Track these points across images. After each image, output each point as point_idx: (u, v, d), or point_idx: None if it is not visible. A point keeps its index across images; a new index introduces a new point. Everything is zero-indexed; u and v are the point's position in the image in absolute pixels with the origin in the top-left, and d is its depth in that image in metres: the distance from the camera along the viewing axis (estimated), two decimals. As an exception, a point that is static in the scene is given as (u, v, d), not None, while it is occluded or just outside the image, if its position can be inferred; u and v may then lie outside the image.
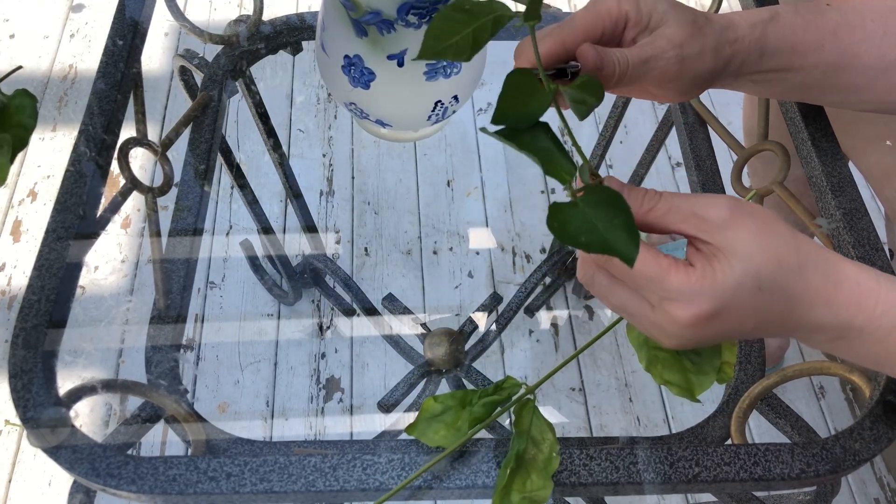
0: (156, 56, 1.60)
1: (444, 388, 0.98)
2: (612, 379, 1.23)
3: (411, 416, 1.01)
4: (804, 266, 0.37)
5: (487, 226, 1.39)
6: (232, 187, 1.40)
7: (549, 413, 1.21)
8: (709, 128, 0.69)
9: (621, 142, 1.50)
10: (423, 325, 0.86)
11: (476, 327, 0.90)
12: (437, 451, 0.46)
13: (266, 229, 1.04)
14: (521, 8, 0.37)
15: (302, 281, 1.23)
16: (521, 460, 0.43)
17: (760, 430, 1.19)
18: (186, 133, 0.67)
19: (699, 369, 0.42)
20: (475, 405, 0.44)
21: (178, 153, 0.65)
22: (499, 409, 0.44)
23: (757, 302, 0.36)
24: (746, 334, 0.38)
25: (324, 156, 1.46)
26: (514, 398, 0.44)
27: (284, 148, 1.43)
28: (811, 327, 0.38)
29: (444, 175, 1.45)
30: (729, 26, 0.45)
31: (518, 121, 0.38)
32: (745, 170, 0.66)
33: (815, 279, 0.37)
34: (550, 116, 0.40)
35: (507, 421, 1.17)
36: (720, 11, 0.67)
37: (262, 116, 0.85)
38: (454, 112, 0.66)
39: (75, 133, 0.58)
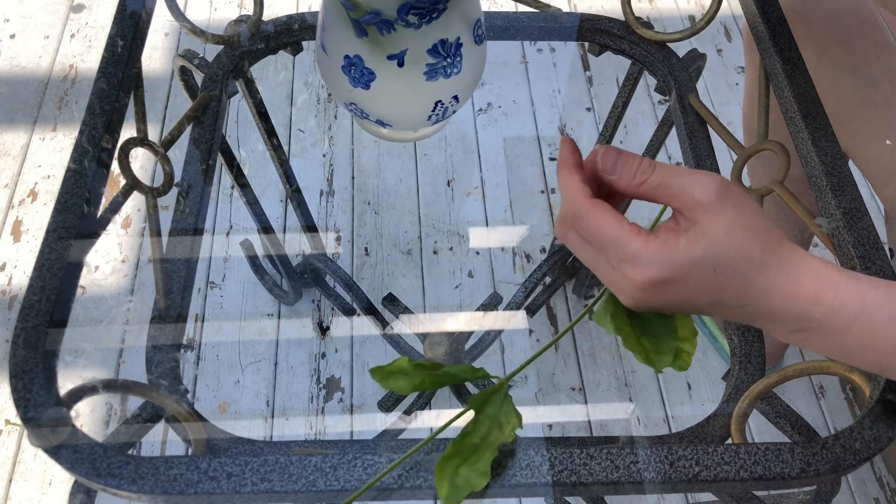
0: (156, 56, 1.60)
1: (444, 388, 0.98)
2: (612, 379, 1.23)
3: (411, 416, 1.01)
4: (766, 261, 0.38)
5: (487, 226, 1.40)
6: (232, 187, 1.40)
7: (549, 413, 1.21)
8: (709, 128, 0.69)
9: (621, 142, 1.50)
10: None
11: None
12: (437, 449, 0.46)
13: (266, 229, 1.04)
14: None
15: (302, 281, 1.23)
16: (477, 440, 0.45)
17: (760, 429, 1.19)
18: (187, 133, 0.67)
19: (657, 349, 0.45)
20: (443, 377, 0.46)
21: (179, 153, 0.65)
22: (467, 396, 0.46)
23: (710, 282, 0.38)
24: (702, 310, 0.40)
25: (324, 156, 1.46)
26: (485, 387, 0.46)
27: (285, 148, 1.43)
28: (770, 317, 0.40)
29: (444, 175, 1.45)
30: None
31: None
32: (745, 169, 0.66)
33: (775, 274, 0.39)
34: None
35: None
36: (719, 12, 0.67)
37: (263, 116, 0.86)
38: (454, 112, 0.66)
39: (75, 133, 0.58)
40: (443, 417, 1.18)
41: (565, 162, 0.43)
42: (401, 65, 0.58)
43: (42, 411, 0.45)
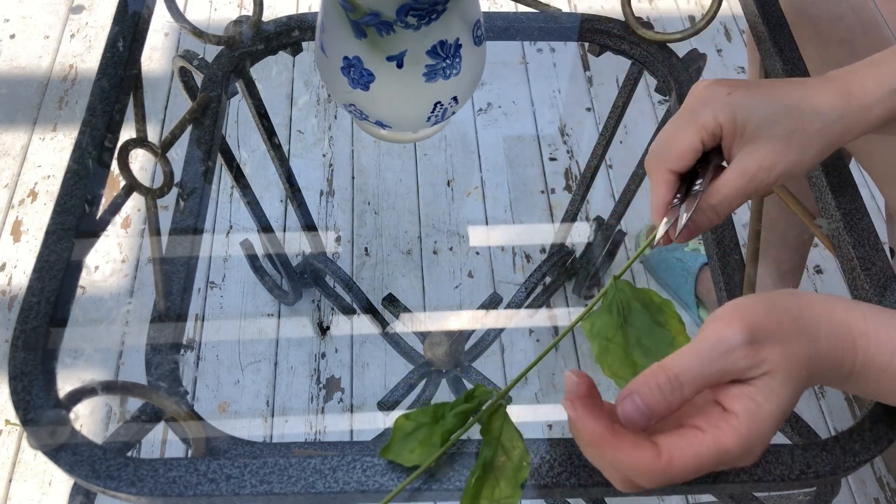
0: (156, 56, 1.60)
1: (444, 388, 0.98)
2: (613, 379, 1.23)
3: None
4: (813, 338, 0.37)
5: (487, 226, 1.39)
6: (232, 187, 1.40)
7: (549, 413, 1.21)
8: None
9: (621, 142, 1.50)
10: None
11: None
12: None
13: (266, 229, 1.04)
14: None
15: (302, 281, 1.23)
16: (490, 467, 0.42)
17: (761, 429, 1.19)
18: (187, 134, 0.67)
19: (650, 364, 0.42)
20: (447, 418, 0.43)
21: (179, 154, 0.65)
22: (471, 419, 0.43)
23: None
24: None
25: (324, 156, 1.46)
26: (484, 406, 0.43)
27: (285, 148, 1.43)
28: (821, 381, 0.39)
29: (444, 175, 1.45)
30: (839, 119, 0.44)
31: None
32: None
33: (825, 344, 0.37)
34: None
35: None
36: (720, 12, 0.67)
37: (263, 117, 0.85)
38: (454, 113, 0.66)
39: (75, 133, 0.58)
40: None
41: (576, 402, 0.37)
42: (400, 66, 0.58)
43: (41, 413, 0.45)
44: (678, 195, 0.47)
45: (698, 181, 0.47)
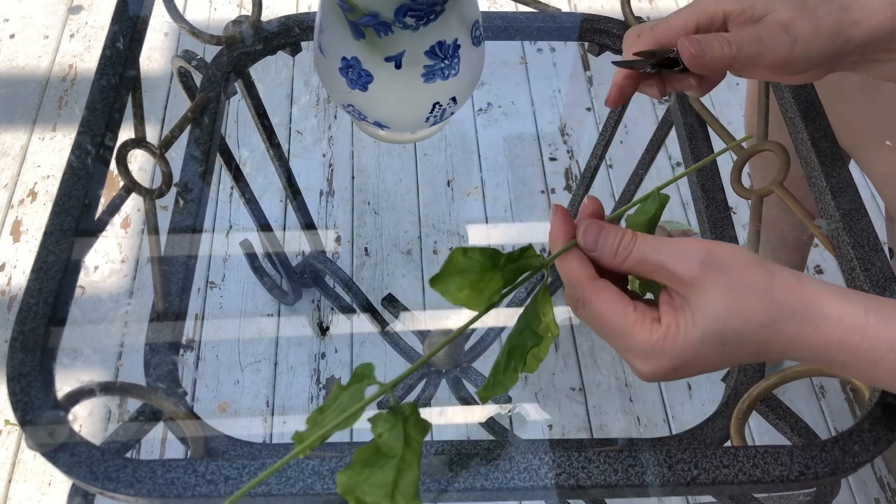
0: (155, 57, 1.60)
1: (444, 388, 0.98)
2: (612, 379, 1.23)
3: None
4: (776, 318, 0.36)
5: (487, 225, 1.39)
6: (232, 187, 1.40)
7: (549, 413, 1.21)
8: (709, 128, 0.69)
9: (621, 141, 1.50)
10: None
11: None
12: (436, 451, 0.46)
13: (266, 229, 1.04)
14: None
15: (302, 281, 1.23)
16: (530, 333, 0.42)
17: (760, 431, 1.19)
18: (186, 133, 0.67)
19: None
20: (503, 268, 0.40)
21: (178, 154, 0.65)
22: (523, 276, 0.41)
23: (720, 354, 0.37)
24: (715, 369, 0.39)
25: (324, 156, 1.46)
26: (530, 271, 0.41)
27: (284, 148, 1.43)
28: (793, 358, 0.38)
29: (444, 175, 1.45)
30: (852, 6, 0.43)
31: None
32: (746, 169, 0.66)
33: (789, 327, 0.37)
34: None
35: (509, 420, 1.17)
36: None
37: (262, 116, 0.85)
38: (452, 113, 0.65)
39: (74, 133, 0.58)
40: (444, 416, 1.18)
41: (559, 237, 0.40)
42: (398, 67, 0.58)
43: (40, 414, 0.45)
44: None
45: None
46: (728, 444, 0.51)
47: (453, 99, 0.63)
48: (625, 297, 0.38)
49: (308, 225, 1.15)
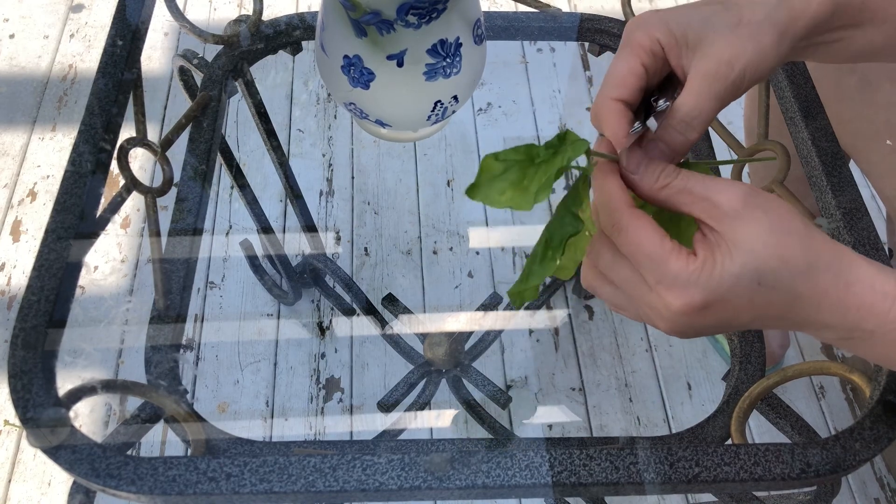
0: (156, 56, 1.60)
1: (444, 388, 0.98)
2: (612, 379, 1.23)
3: (411, 416, 1.01)
4: (813, 266, 0.36)
5: (487, 226, 1.39)
6: (232, 187, 1.40)
7: (549, 413, 1.21)
8: (709, 128, 0.69)
9: (621, 141, 1.50)
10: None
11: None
12: (437, 450, 0.46)
13: (266, 229, 1.04)
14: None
15: (302, 281, 1.23)
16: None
17: (761, 429, 1.19)
18: (186, 133, 0.67)
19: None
20: (542, 161, 0.38)
21: (178, 153, 0.65)
22: (564, 165, 0.38)
23: (755, 297, 0.36)
24: (743, 326, 0.38)
25: (324, 156, 1.46)
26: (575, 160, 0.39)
27: (284, 148, 1.43)
28: (818, 326, 0.37)
29: (444, 175, 1.45)
30: (782, 4, 0.42)
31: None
32: (746, 169, 0.66)
33: (823, 280, 0.36)
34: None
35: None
36: None
37: (262, 116, 0.85)
38: (454, 112, 0.65)
39: (75, 133, 0.58)
40: (443, 418, 1.18)
41: (604, 166, 0.39)
42: (400, 65, 0.58)
43: (41, 412, 0.45)
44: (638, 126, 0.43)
45: (662, 100, 0.43)
46: (729, 442, 0.51)
47: (455, 97, 0.63)
48: (660, 228, 0.37)
49: (308, 225, 1.16)
